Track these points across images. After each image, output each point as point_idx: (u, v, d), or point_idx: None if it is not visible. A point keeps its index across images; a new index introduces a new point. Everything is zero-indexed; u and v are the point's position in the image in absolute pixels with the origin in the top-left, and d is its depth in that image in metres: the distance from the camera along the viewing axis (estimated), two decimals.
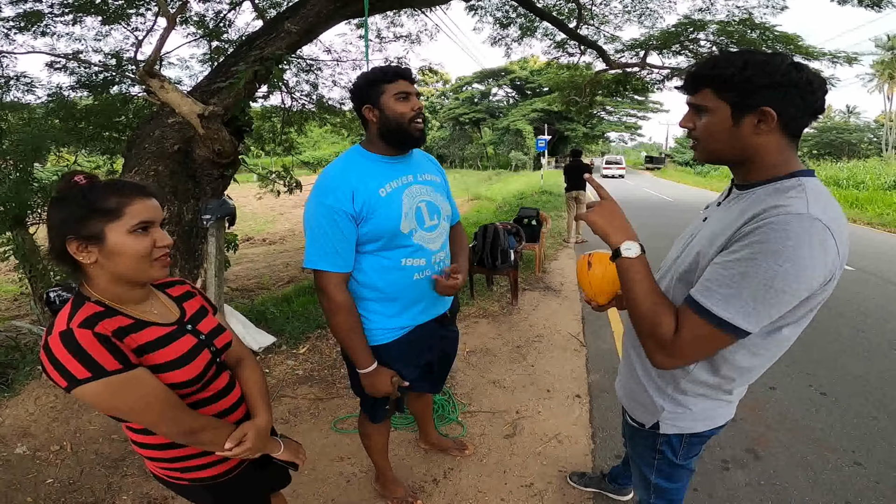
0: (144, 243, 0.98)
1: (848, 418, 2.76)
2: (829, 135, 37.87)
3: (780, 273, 0.86)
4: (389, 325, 1.65)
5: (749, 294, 0.88)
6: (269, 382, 3.13)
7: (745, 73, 0.93)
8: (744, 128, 0.96)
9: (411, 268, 1.59)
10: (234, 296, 5.29)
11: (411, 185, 1.58)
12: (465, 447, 2.45)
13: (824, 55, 7.63)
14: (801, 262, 0.86)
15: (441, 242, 1.68)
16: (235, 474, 1.22)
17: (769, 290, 0.87)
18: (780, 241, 0.86)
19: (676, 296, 1.10)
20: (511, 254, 4.65)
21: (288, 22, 3.49)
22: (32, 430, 2.59)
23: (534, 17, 7.38)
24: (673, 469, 1.32)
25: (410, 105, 1.50)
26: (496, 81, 44.35)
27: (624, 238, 1.07)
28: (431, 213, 1.62)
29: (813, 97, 0.93)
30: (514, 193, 16.54)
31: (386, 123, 1.51)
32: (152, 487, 2.18)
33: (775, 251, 0.86)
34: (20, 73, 4.72)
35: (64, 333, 0.89)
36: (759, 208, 0.92)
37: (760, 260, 0.87)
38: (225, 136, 2.93)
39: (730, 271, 0.91)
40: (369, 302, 1.62)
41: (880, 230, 10.26)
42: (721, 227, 1.01)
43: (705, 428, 1.22)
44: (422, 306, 1.69)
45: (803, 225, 0.86)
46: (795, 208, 0.88)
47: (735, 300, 0.90)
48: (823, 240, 0.86)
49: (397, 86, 1.49)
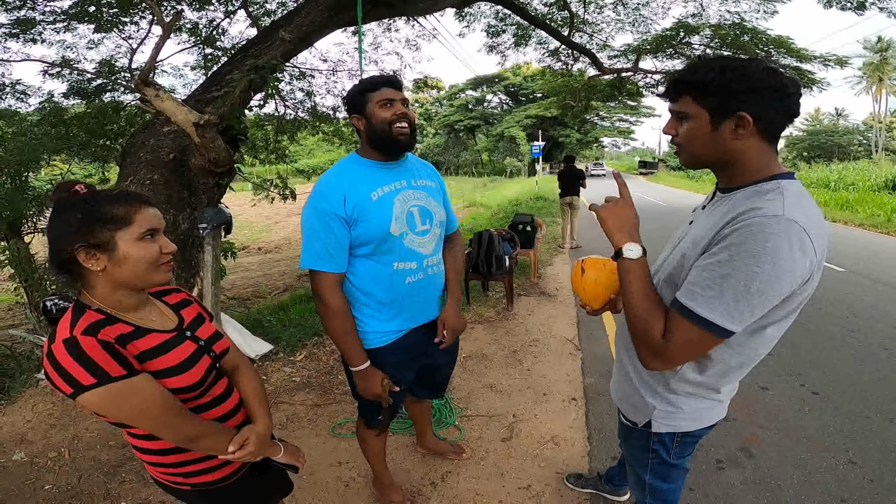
0: (153, 249, 1.00)
1: (840, 417, 2.79)
2: (819, 137, 38.29)
3: (760, 274, 0.89)
4: (383, 329, 1.68)
5: (731, 295, 0.91)
6: (267, 390, 3.12)
7: (722, 79, 0.96)
8: (723, 132, 0.99)
9: (403, 271, 1.62)
10: (230, 304, 5.29)
11: (404, 190, 1.62)
12: (462, 451, 2.46)
13: (815, 58, 7.74)
14: (781, 263, 0.88)
15: (433, 247, 1.71)
16: (236, 479, 1.23)
17: (750, 291, 0.90)
18: (759, 242, 0.88)
19: (664, 297, 1.12)
20: (506, 260, 4.68)
21: (282, 30, 3.52)
22: (30, 436, 2.60)
23: (528, 26, 7.46)
24: (667, 469, 1.34)
25: (393, 111, 1.54)
26: (490, 88, 44.61)
27: (627, 239, 1.10)
28: (424, 217, 1.66)
29: (789, 100, 0.96)
30: (509, 200, 16.61)
31: (372, 130, 1.57)
32: (151, 493, 2.18)
33: (754, 253, 0.88)
34: (15, 81, 4.73)
35: (68, 340, 0.90)
36: (738, 211, 0.95)
37: (740, 262, 0.89)
38: (220, 144, 2.95)
39: (711, 273, 0.94)
40: (363, 306, 1.66)
41: (871, 231, 10.36)
42: (704, 230, 1.04)
43: (697, 427, 1.24)
44: (415, 310, 1.72)
45: (781, 226, 0.88)
46: (772, 210, 0.90)
47: (717, 302, 0.92)
48: (801, 241, 0.89)
49: (381, 94, 1.55)
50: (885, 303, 4.97)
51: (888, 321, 4.40)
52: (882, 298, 5.13)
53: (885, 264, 6.84)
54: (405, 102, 1.58)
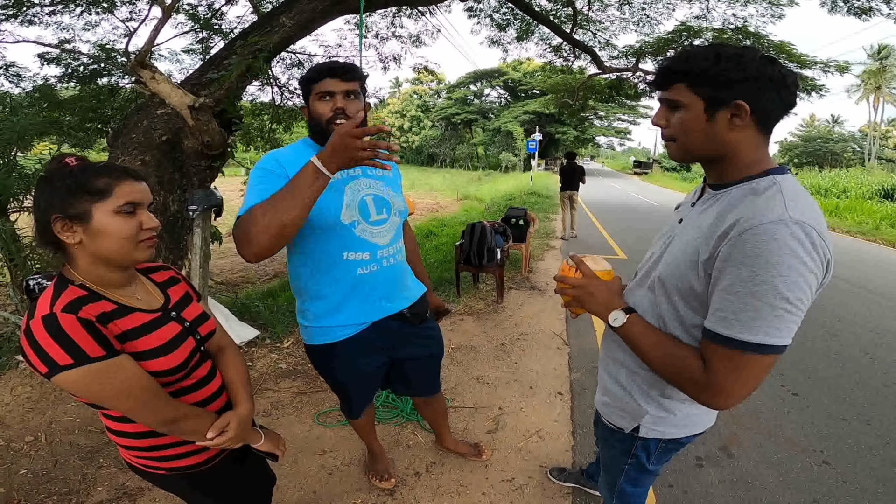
0: (130, 224, 0.97)
1: (819, 419, 2.84)
2: (814, 144, 38.61)
3: (788, 282, 0.85)
4: (334, 323, 1.58)
5: (769, 312, 0.86)
6: (252, 376, 3.13)
7: (718, 67, 0.91)
8: (718, 123, 0.95)
9: (354, 262, 1.52)
10: (218, 289, 5.25)
11: (358, 178, 1.54)
12: (481, 452, 2.40)
13: (816, 64, 7.76)
14: (803, 266, 0.85)
15: (390, 238, 1.60)
16: (214, 464, 1.21)
17: (788, 301, 0.85)
18: (775, 251, 0.84)
19: (659, 300, 1.09)
20: (498, 252, 4.69)
21: (283, 16, 3.48)
22: (7, 420, 2.56)
23: (531, 21, 7.42)
24: (642, 474, 1.34)
25: (330, 105, 1.43)
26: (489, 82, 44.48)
27: (606, 312, 1.13)
28: (379, 206, 1.56)
29: (787, 91, 0.92)
30: (503, 194, 16.59)
31: (312, 123, 1.48)
32: (128, 479, 2.16)
33: (775, 263, 0.84)
34: (9, 63, 4.65)
35: (47, 317, 0.87)
36: (739, 214, 0.91)
37: (764, 275, 0.85)
38: (214, 127, 2.92)
39: (737, 296, 0.88)
40: (311, 300, 1.58)
41: (859, 238, 10.49)
42: (698, 232, 1.00)
43: (685, 434, 1.22)
44: (372, 302, 1.60)
45: (790, 229, 0.84)
46: (776, 213, 0.86)
47: (757, 321, 0.87)
48: (812, 239, 0.85)
49: (321, 85, 1.43)
50: (869, 309, 5.05)
51: (870, 326, 4.47)
52: (865, 304, 5.20)
53: (870, 271, 6.94)
54: (350, 94, 1.45)
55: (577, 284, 1.19)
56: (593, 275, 1.20)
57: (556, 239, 8.83)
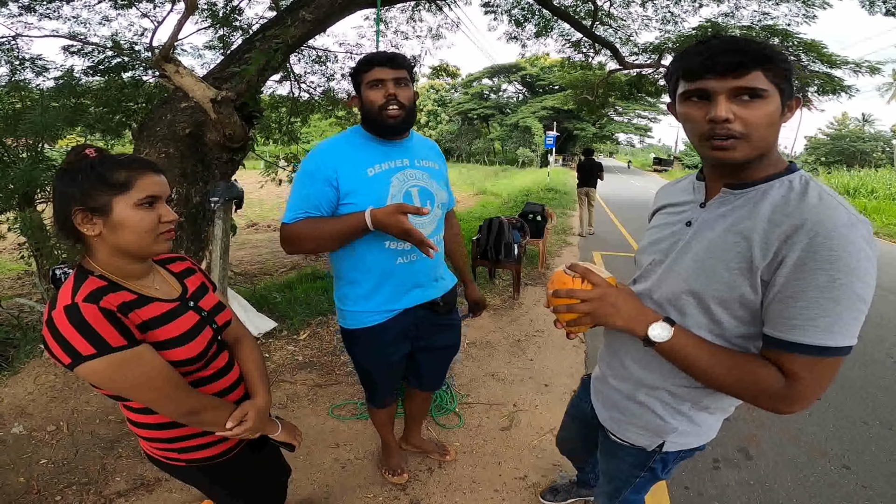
0: (150, 217, 0.98)
1: (841, 423, 2.78)
2: (843, 143, 37.57)
3: (866, 286, 0.84)
4: (370, 308, 1.64)
5: (849, 315, 0.85)
6: (269, 367, 3.17)
7: (784, 57, 0.86)
8: (783, 118, 0.91)
9: (395, 251, 1.57)
10: (236, 280, 5.34)
11: (405, 169, 1.57)
12: (446, 452, 2.36)
13: (847, 64, 7.54)
14: (872, 267, 0.85)
15: (432, 229, 1.64)
16: (232, 455, 1.22)
17: (862, 302, 0.85)
18: (853, 256, 0.82)
19: (689, 312, 1.00)
20: (515, 248, 4.67)
21: (303, 11, 3.51)
22: (30, 409, 2.59)
23: (550, 17, 7.33)
24: (650, 483, 1.31)
25: (382, 92, 1.48)
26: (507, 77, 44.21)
27: (641, 325, 0.97)
28: (423, 198, 1.60)
29: None
30: (519, 190, 16.52)
31: (364, 112, 1.53)
32: (146, 469, 2.19)
33: (853, 268, 0.82)
34: (35, 56, 4.76)
35: (69, 308, 0.88)
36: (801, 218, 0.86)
37: (844, 280, 0.83)
38: (236, 120, 2.96)
39: (817, 302, 0.85)
40: (350, 286, 1.64)
41: (886, 241, 10.19)
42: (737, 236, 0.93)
43: (705, 441, 1.18)
44: (406, 291, 1.66)
45: (861, 232, 0.84)
46: (846, 218, 0.84)
47: (837, 325, 0.85)
48: (871, 237, 0.86)
49: (371, 74, 1.49)
50: (895, 312, 4.91)
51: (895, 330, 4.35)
52: (892, 307, 5.07)
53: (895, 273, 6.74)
54: (400, 81, 1.50)
55: (593, 297, 0.99)
56: (608, 283, 1.03)
57: (574, 235, 8.77)
